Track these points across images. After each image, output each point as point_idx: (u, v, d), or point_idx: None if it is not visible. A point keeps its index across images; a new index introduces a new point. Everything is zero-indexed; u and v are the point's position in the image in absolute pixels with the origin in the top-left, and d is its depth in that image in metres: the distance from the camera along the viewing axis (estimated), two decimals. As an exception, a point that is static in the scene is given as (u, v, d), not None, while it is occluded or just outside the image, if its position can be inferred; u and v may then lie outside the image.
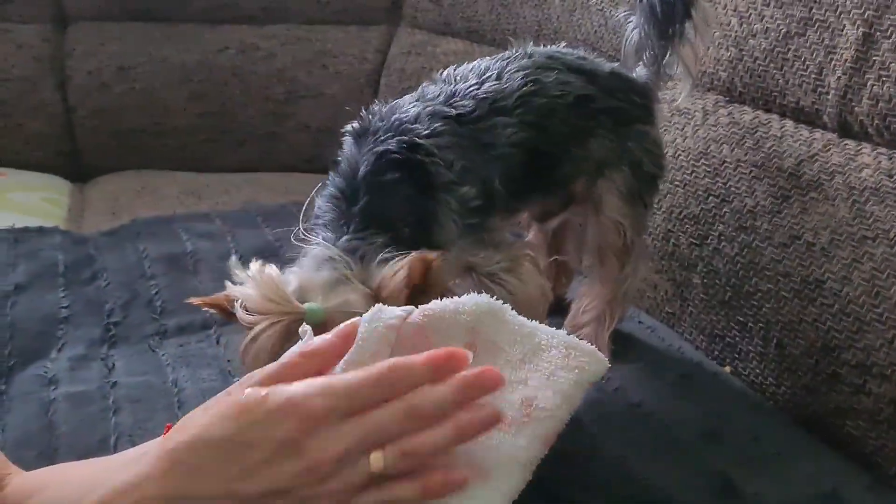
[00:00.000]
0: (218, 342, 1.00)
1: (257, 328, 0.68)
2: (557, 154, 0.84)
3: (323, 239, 0.76)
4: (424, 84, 0.83)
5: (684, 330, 1.02)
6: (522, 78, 0.80)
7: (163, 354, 0.97)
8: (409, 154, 0.75)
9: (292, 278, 0.73)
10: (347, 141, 0.81)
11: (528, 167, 0.81)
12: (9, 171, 1.59)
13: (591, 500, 0.71)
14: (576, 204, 0.90)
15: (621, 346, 0.94)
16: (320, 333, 0.61)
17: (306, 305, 0.69)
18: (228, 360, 0.95)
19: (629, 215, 0.89)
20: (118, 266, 1.19)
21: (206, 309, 0.76)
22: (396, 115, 0.78)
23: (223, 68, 1.69)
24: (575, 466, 0.76)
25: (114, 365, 0.96)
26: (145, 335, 1.04)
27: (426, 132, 0.75)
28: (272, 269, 0.70)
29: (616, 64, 0.92)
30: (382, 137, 0.77)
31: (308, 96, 1.68)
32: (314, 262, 0.74)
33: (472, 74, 0.81)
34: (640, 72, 0.94)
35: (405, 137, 0.76)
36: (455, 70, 0.84)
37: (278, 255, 1.21)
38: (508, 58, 0.84)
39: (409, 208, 0.75)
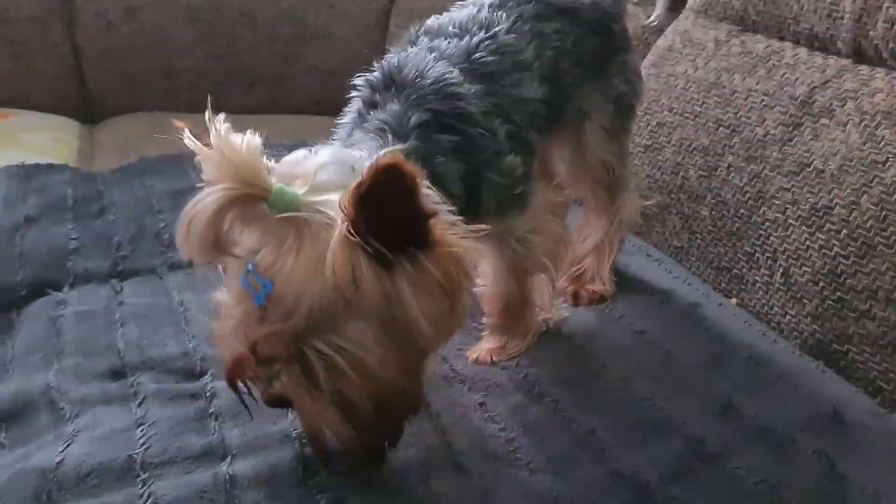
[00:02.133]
0: (225, 270, 1.00)
1: (204, 192, 0.60)
2: (562, 104, 0.82)
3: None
4: (417, 34, 0.79)
5: (692, 263, 1.01)
6: (529, 30, 0.78)
7: (170, 282, 0.98)
8: (460, 123, 0.70)
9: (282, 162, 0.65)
10: (366, 90, 0.75)
11: (545, 120, 0.79)
12: (19, 113, 1.59)
13: (593, 420, 0.71)
14: (560, 145, 0.88)
15: (629, 278, 0.94)
16: (283, 229, 0.56)
17: (276, 185, 0.59)
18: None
19: (614, 151, 0.89)
20: (126, 201, 1.19)
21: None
22: (433, 71, 0.72)
23: (230, 9, 1.67)
24: (579, 389, 0.76)
25: (122, 289, 0.97)
26: (153, 268, 1.04)
27: (473, 98, 0.72)
28: (251, 137, 0.61)
29: None
30: (430, 96, 0.70)
31: (316, 37, 1.66)
32: (328, 156, 0.65)
33: (475, 27, 0.77)
34: None
35: (458, 103, 0.71)
36: (439, 21, 0.80)
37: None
38: (494, 4, 0.80)
39: (456, 175, 0.70)
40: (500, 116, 0.73)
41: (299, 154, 0.65)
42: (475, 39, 0.76)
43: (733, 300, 0.94)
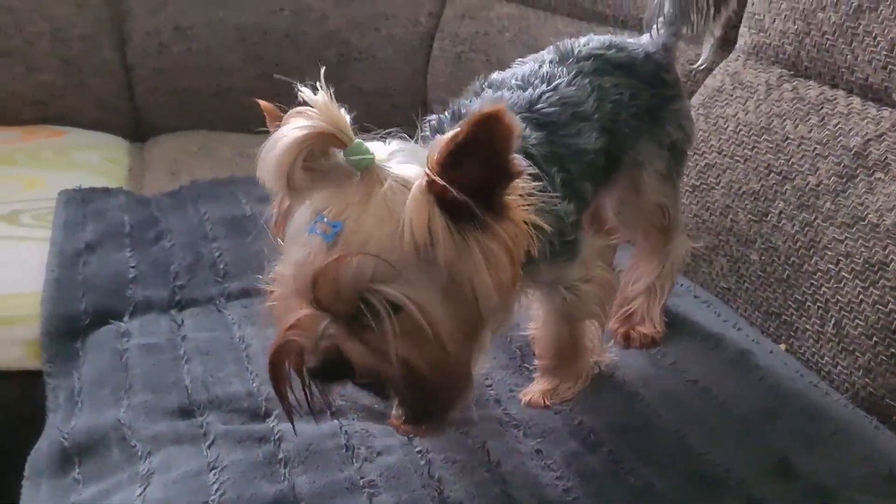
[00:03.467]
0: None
1: (293, 122, 0.64)
2: (620, 154, 0.84)
3: None
4: (482, 86, 0.81)
5: (739, 306, 1.03)
6: (589, 84, 0.80)
7: (229, 314, 1.01)
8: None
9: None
10: (430, 131, 0.77)
11: (601, 171, 0.81)
12: (70, 130, 1.63)
13: (650, 473, 0.73)
14: (614, 191, 0.90)
15: (678, 320, 0.96)
16: (355, 182, 0.60)
17: (356, 140, 0.63)
18: (293, 322, 0.98)
19: (669, 195, 0.91)
20: (181, 227, 1.22)
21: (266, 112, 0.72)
22: None
23: (277, 30, 1.70)
24: (634, 439, 0.78)
25: (182, 321, 1.00)
26: (210, 297, 1.07)
27: (534, 142, 0.74)
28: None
29: (644, 42, 0.91)
30: None
31: (361, 59, 1.68)
32: (401, 145, 0.68)
33: (536, 80, 0.79)
34: (658, 32, 0.91)
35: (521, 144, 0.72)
36: (502, 75, 0.82)
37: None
38: (555, 60, 0.82)
39: None
40: (556, 164, 0.75)
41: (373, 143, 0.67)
42: (537, 91, 0.79)
43: (782, 346, 0.96)
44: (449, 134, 0.61)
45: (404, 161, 0.65)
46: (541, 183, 0.69)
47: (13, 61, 1.64)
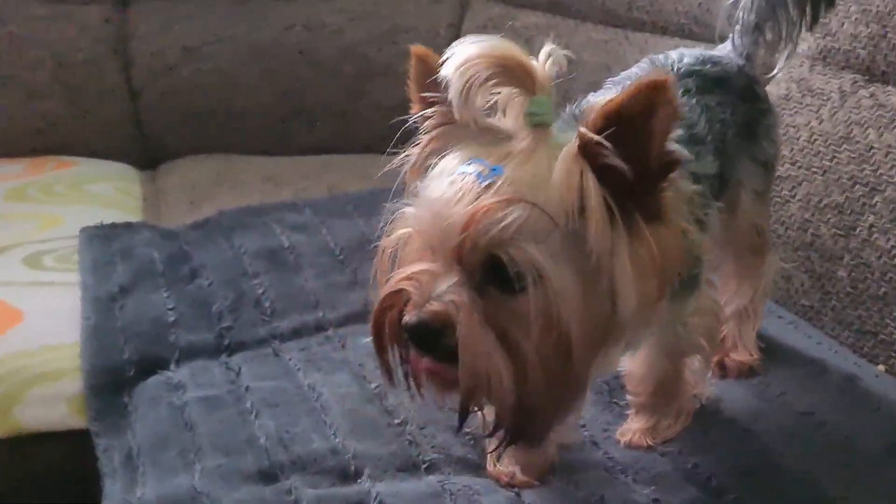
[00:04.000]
0: (343, 346, 0.96)
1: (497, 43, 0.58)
2: (728, 176, 0.79)
3: None
4: (575, 115, 0.75)
5: (825, 324, 0.98)
6: (697, 103, 0.75)
7: (289, 359, 0.94)
8: None
9: None
10: None
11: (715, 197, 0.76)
12: (78, 161, 1.54)
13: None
14: None
15: (769, 343, 0.90)
16: (526, 133, 0.57)
17: (545, 95, 0.58)
18: (360, 364, 0.91)
19: (763, 214, 0.87)
20: (216, 262, 1.15)
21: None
22: None
23: (291, 46, 1.63)
24: (760, 483, 0.73)
25: (239, 369, 0.93)
26: (259, 339, 1.00)
27: None
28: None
29: (730, 54, 0.85)
30: None
31: (379, 74, 1.62)
32: None
33: None
34: (741, 41, 0.86)
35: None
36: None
37: (378, 248, 1.18)
38: None
39: None
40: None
41: None
42: None
43: (881, 367, 0.91)
44: (605, 97, 0.57)
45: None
46: (700, 187, 0.63)
47: (13, 89, 1.55)
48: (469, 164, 0.59)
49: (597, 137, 0.56)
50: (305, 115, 1.64)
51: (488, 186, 0.57)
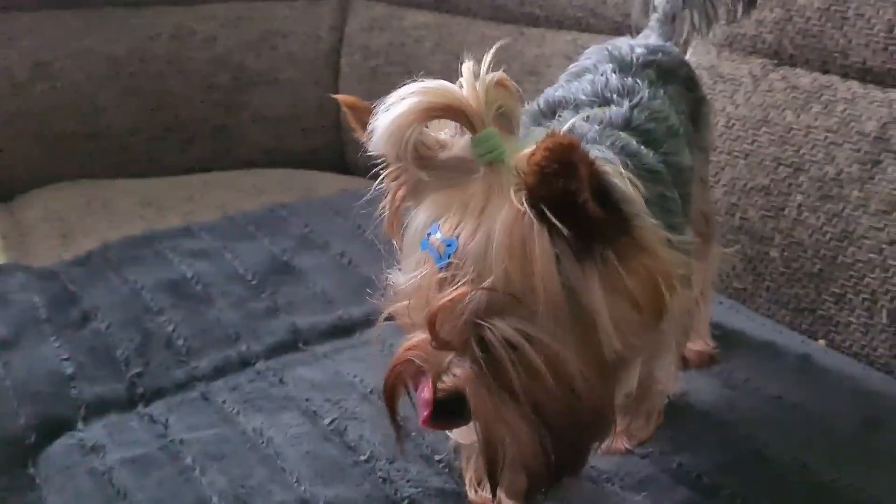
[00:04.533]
0: (282, 381, 0.87)
1: (425, 85, 0.54)
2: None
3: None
4: (541, 109, 0.71)
5: (759, 305, 0.99)
6: (664, 94, 0.73)
7: (222, 402, 0.84)
8: (652, 181, 0.63)
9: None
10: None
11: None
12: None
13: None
14: None
15: (720, 330, 0.90)
16: (475, 184, 0.53)
17: (490, 128, 0.55)
18: (306, 399, 0.83)
19: (709, 200, 0.87)
20: (110, 302, 1.02)
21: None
22: (611, 135, 0.66)
23: (156, 58, 1.49)
24: (751, 475, 0.71)
25: (166, 421, 0.82)
26: (179, 382, 0.89)
27: (653, 159, 0.66)
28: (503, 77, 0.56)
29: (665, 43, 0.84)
30: (618, 154, 0.63)
31: (260, 83, 1.51)
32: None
33: (614, 94, 0.70)
34: (660, 31, 0.85)
35: (646, 161, 0.65)
36: (560, 92, 0.72)
37: (292, 270, 1.09)
38: (617, 70, 0.74)
39: None
40: (676, 185, 0.68)
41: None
42: (625, 106, 0.69)
43: (821, 341, 0.93)
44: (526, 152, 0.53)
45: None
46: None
47: None
48: (429, 237, 0.56)
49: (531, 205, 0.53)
50: (178, 131, 1.51)
51: (446, 272, 0.55)
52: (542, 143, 0.52)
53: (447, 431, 0.67)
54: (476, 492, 0.71)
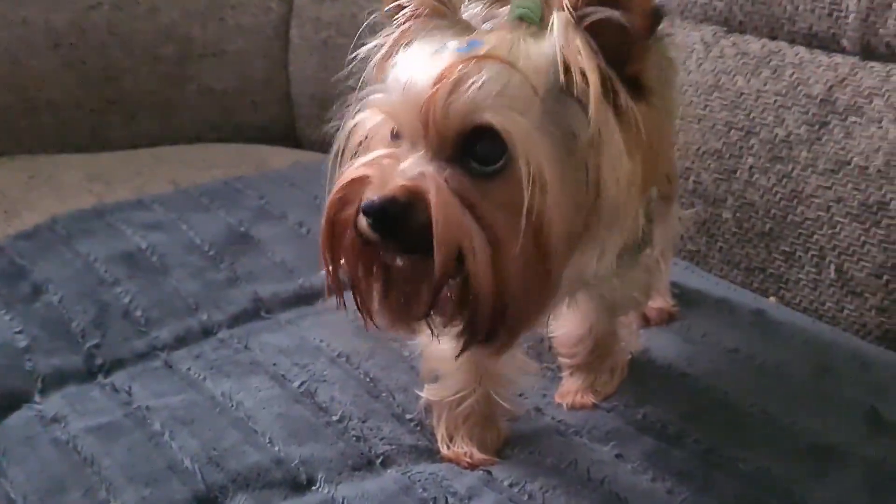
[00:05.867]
0: (247, 347, 0.86)
1: None
2: None
3: None
4: None
5: (712, 266, 1.02)
6: None
7: (187, 369, 0.83)
8: None
9: None
10: None
11: None
12: None
13: (756, 456, 0.68)
14: None
15: (677, 288, 0.92)
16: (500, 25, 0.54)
17: None
18: (274, 364, 0.82)
19: (672, 161, 0.86)
20: (62, 275, 0.99)
21: None
22: None
23: (98, 28, 1.44)
24: (713, 422, 0.73)
25: (129, 388, 0.80)
26: (139, 353, 0.88)
27: None
28: None
29: None
30: None
31: (207, 55, 1.48)
32: None
33: None
34: None
35: None
36: None
37: (250, 241, 1.07)
38: None
39: None
40: None
41: None
42: None
43: (772, 298, 0.96)
44: None
45: None
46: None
47: None
48: (446, 44, 0.54)
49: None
50: (122, 105, 1.47)
51: (468, 53, 0.53)
52: None
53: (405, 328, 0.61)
54: (448, 447, 0.72)
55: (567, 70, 0.53)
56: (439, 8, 0.58)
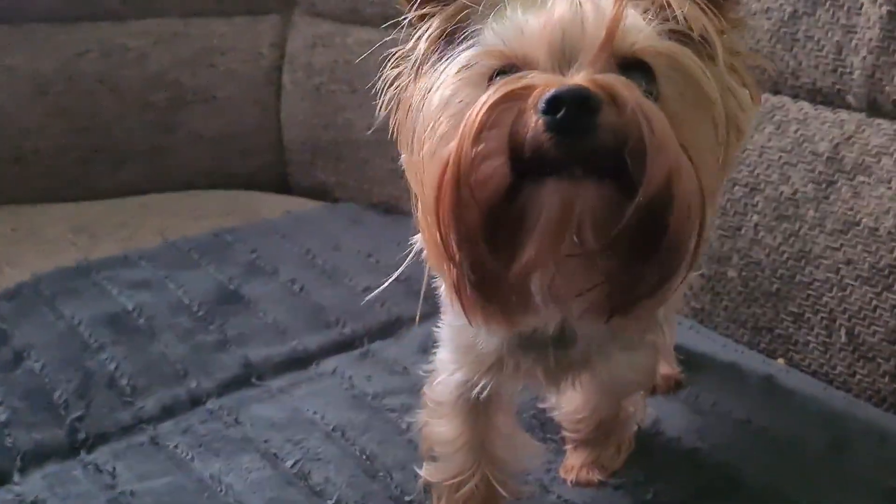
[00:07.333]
0: (237, 420, 0.82)
1: None
2: None
3: None
4: None
5: (718, 325, 0.99)
6: None
7: (174, 446, 0.79)
8: None
9: None
10: None
11: None
12: None
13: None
14: None
15: (682, 352, 0.89)
16: None
17: None
18: (265, 441, 0.78)
19: None
20: (45, 339, 0.96)
21: None
22: None
23: (86, 75, 1.41)
24: (727, 502, 0.70)
25: (113, 469, 0.76)
26: (124, 426, 0.84)
27: None
28: None
29: None
30: None
31: (197, 101, 1.45)
32: None
33: None
34: None
35: None
36: None
37: (241, 299, 1.04)
38: None
39: None
40: None
41: None
42: None
43: (780, 360, 0.93)
44: None
45: None
46: None
47: None
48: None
49: None
50: (110, 152, 1.43)
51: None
52: None
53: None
54: (451, 532, 0.68)
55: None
56: None
